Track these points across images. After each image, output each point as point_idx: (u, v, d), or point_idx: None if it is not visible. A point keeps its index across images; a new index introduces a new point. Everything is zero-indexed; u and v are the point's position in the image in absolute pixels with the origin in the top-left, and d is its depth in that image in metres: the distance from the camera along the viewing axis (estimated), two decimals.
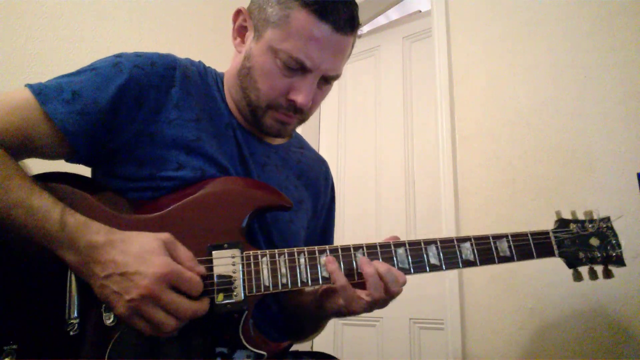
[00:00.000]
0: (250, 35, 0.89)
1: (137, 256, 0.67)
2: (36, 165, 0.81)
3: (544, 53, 1.71)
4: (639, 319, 1.35)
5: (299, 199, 1.00)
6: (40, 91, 0.78)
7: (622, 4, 1.54)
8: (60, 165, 0.85)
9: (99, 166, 0.88)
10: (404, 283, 0.82)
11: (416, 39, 2.60)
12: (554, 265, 1.55)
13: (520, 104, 1.75)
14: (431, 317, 2.15)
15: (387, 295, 0.80)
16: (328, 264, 0.79)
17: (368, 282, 0.79)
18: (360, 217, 2.52)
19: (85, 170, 0.88)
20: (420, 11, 2.76)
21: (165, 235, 0.71)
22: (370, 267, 0.79)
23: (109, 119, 0.80)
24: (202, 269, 0.72)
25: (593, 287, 1.45)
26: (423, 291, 2.21)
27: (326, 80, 0.89)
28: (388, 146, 2.55)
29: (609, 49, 1.55)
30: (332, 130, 2.82)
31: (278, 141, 1.02)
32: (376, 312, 2.47)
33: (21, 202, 0.68)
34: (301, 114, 0.90)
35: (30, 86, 0.79)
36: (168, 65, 0.88)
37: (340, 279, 0.79)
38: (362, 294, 0.80)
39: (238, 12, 0.92)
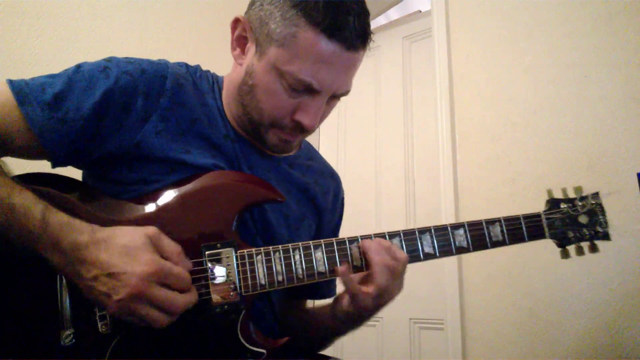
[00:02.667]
0: (251, 48, 0.82)
1: (123, 255, 0.65)
2: (23, 165, 0.79)
3: (544, 53, 1.71)
4: (638, 319, 1.35)
5: (301, 217, 0.95)
6: (20, 89, 0.73)
7: (622, 4, 1.54)
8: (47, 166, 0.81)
9: (87, 170, 0.85)
10: (405, 261, 0.79)
11: (416, 39, 2.60)
12: (554, 265, 1.55)
13: (520, 104, 1.75)
14: (431, 317, 2.15)
15: (393, 280, 0.77)
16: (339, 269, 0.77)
17: (375, 270, 0.76)
18: (360, 217, 2.52)
19: (76, 172, 0.86)
20: (420, 11, 2.76)
21: (150, 230, 0.68)
22: (378, 256, 0.76)
23: (92, 126, 0.76)
24: (189, 263, 0.71)
25: (592, 287, 1.45)
26: (423, 291, 2.21)
27: (335, 96, 0.84)
28: (388, 146, 2.55)
29: (609, 49, 1.55)
30: (332, 131, 2.82)
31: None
32: None
33: (1, 199, 0.66)
34: (307, 132, 0.85)
35: (10, 82, 0.74)
36: (159, 74, 0.82)
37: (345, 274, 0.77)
38: (367, 287, 0.77)
39: (236, 21, 0.84)
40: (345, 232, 0.84)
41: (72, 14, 1.73)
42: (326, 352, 1.00)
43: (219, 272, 0.75)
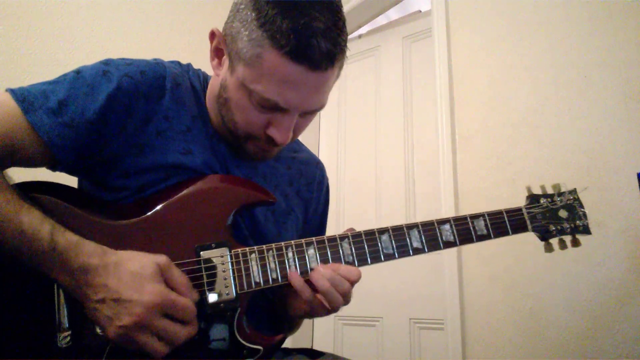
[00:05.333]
0: (226, 62, 0.83)
1: (132, 282, 0.65)
2: (16, 174, 0.78)
3: (544, 53, 1.71)
4: (639, 320, 1.34)
5: (288, 210, 0.97)
6: (23, 98, 0.74)
7: (622, 4, 1.54)
8: (43, 173, 0.82)
9: (86, 177, 0.86)
10: (358, 278, 0.82)
11: (416, 39, 2.59)
12: (553, 266, 1.55)
13: (521, 103, 1.75)
14: (431, 317, 2.15)
15: (344, 299, 0.81)
16: (292, 279, 0.80)
17: (325, 295, 0.79)
18: (360, 218, 2.52)
19: (69, 178, 0.86)
20: (420, 11, 2.77)
21: (161, 259, 0.69)
22: (324, 281, 0.79)
23: (97, 129, 0.77)
24: (195, 295, 0.71)
25: (593, 287, 1.45)
26: (423, 291, 2.20)
27: (308, 112, 0.84)
28: (388, 146, 2.55)
29: (609, 49, 1.54)
30: (332, 131, 2.82)
31: None
32: (376, 312, 2.43)
33: (10, 218, 0.66)
34: (282, 146, 0.85)
35: (12, 92, 0.75)
36: (158, 74, 0.84)
37: (306, 292, 0.80)
38: (323, 301, 0.80)
39: (212, 34, 0.84)
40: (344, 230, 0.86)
41: (72, 14, 1.74)
42: (325, 350, 1.01)
43: (214, 271, 0.76)
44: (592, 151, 1.52)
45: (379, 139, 2.60)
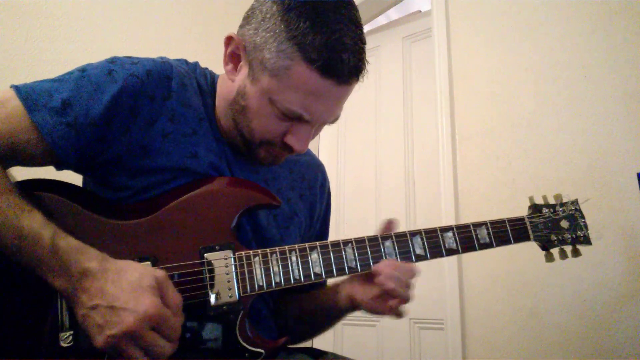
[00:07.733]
0: (244, 69, 0.82)
1: (129, 291, 0.64)
2: (22, 171, 0.78)
3: (544, 53, 1.71)
4: (639, 320, 1.35)
5: (290, 214, 0.97)
6: (27, 96, 0.73)
7: (622, 4, 1.54)
8: (48, 171, 0.81)
9: (91, 175, 0.85)
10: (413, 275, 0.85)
11: (416, 39, 2.59)
12: (553, 266, 1.55)
13: (520, 103, 1.75)
14: (431, 317, 2.15)
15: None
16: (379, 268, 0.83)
17: (396, 293, 0.82)
18: (360, 218, 2.52)
19: (74, 176, 0.85)
20: (420, 11, 2.77)
21: (159, 273, 0.68)
22: (391, 282, 0.81)
23: (101, 130, 0.76)
24: (183, 317, 0.69)
25: (593, 287, 1.45)
26: (423, 291, 2.20)
27: (324, 123, 0.86)
28: (388, 146, 2.55)
29: (609, 49, 1.54)
30: (332, 131, 2.81)
31: None
32: None
33: (10, 222, 0.65)
34: (296, 152, 0.86)
35: (17, 89, 0.74)
36: (164, 75, 0.82)
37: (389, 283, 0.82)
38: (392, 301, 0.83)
39: (229, 39, 0.83)
40: (346, 232, 0.86)
41: (72, 14, 1.73)
42: (325, 349, 1.02)
43: (218, 273, 0.76)
44: (592, 151, 1.53)
45: (379, 139, 2.60)
